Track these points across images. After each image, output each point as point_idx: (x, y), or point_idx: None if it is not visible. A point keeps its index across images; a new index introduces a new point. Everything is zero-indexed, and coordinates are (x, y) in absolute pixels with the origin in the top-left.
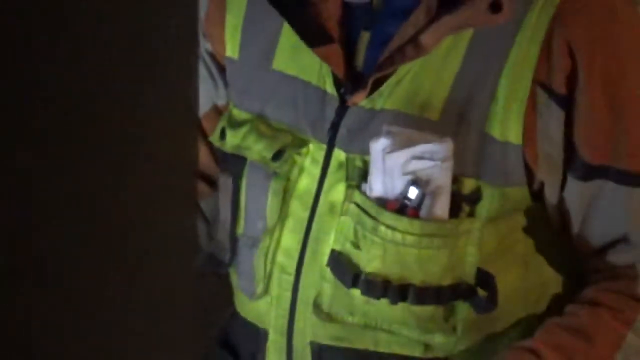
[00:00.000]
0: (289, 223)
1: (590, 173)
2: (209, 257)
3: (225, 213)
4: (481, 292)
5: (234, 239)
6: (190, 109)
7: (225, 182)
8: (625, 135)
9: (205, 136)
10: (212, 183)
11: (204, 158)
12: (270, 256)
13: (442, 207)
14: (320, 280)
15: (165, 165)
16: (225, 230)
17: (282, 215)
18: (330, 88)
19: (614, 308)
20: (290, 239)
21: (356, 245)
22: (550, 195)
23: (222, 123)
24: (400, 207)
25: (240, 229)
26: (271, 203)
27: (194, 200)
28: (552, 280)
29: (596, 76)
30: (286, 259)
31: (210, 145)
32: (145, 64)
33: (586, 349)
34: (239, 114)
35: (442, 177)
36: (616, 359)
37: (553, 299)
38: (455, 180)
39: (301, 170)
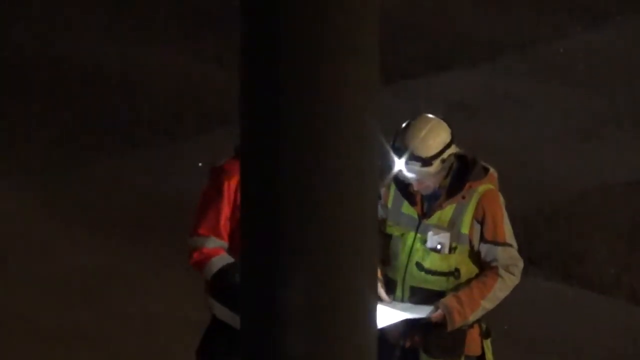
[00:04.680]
0: (404, 250)
1: (486, 242)
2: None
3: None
4: (456, 273)
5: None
6: (377, 218)
7: (388, 242)
8: (495, 231)
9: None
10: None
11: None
12: (400, 259)
13: (445, 250)
14: (412, 268)
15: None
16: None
17: (403, 249)
18: (416, 216)
19: (485, 276)
20: (404, 255)
21: (422, 259)
22: (476, 246)
23: (384, 225)
24: (435, 249)
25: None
26: (401, 245)
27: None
28: (475, 270)
29: (488, 216)
30: (402, 261)
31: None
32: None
33: (468, 291)
34: (389, 222)
35: (446, 242)
36: (481, 301)
37: (474, 276)
38: (452, 243)
39: (407, 238)
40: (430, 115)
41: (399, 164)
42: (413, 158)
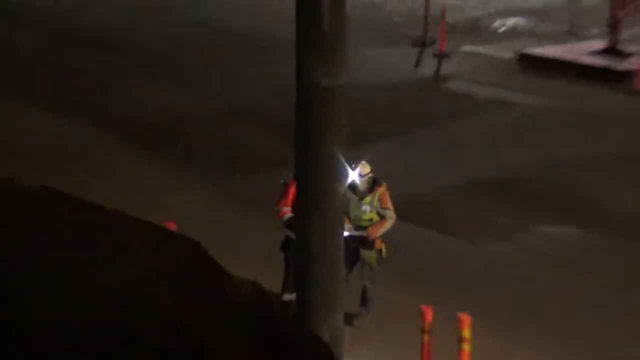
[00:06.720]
0: (354, 211)
1: (382, 208)
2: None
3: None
4: (373, 220)
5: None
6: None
7: (348, 209)
8: (384, 204)
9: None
10: None
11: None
12: (353, 215)
13: (368, 212)
14: (357, 218)
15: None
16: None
17: (354, 211)
18: (358, 199)
19: (382, 220)
20: (354, 214)
21: (361, 215)
22: (379, 210)
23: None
24: (365, 212)
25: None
26: (353, 209)
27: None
28: (378, 218)
29: (382, 199)
30: (354, 216)
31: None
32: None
33: (376, 225)
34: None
35: (368, 209)
36: (381, 229)
37: (378, 220)
38: (371, 209)
39: (355, 207)
40: (364, 161)
41: (354, 176)
42: (360, 175)
